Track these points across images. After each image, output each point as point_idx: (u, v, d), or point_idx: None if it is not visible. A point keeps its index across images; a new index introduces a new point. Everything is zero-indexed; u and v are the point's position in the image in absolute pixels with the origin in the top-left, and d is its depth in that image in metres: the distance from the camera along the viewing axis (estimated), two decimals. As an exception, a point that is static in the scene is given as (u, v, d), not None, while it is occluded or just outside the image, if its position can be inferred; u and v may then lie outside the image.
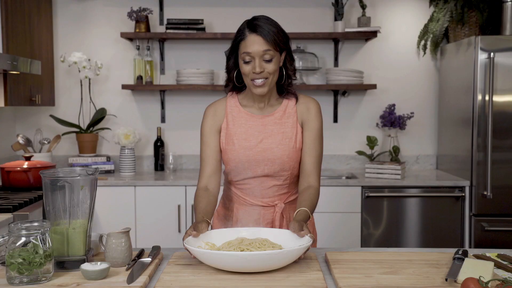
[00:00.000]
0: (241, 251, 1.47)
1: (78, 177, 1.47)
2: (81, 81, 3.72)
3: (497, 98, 3.18)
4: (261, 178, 1.86)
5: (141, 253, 1.59)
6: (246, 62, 1.76)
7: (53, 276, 1.40)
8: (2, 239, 1.38)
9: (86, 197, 1.48)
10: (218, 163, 1.87)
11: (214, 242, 1.58)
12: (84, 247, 1.49)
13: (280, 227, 1.88)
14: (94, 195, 1.52)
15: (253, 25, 1.75)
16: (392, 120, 3.71)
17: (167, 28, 3.64)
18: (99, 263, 1.41)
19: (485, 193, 3.19)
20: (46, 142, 3.55)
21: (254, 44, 1.73)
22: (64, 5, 3.78)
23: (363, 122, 3.89)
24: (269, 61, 1.75)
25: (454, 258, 1.51)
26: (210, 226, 1.69)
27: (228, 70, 1.86)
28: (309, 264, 1.51)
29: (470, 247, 3.27)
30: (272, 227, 1.87)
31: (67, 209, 1.46)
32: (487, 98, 3.17)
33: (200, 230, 1.58)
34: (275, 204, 1.88)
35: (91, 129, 3.73)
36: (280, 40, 1.76)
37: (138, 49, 3.73)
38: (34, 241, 1.35)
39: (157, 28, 3.80)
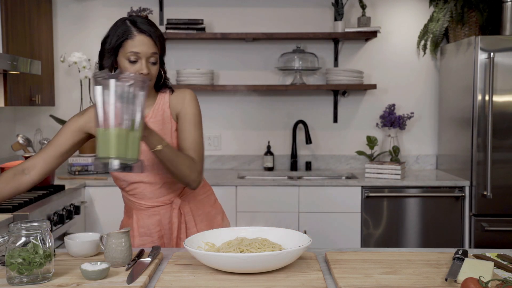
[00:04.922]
0: (241, 251, 1.47)
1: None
2: (81, 81, 3.72)
3: (497, 98, 3.18)
4: (147, 179, 1.81)
5: (141, 253, 1.59)
6: (132, 62, 1.72)
7: (53, 276, 1.40)
8: (2, 239, 1.38)
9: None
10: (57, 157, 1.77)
11: (214, 242, 1.58)
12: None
13: (179, 224, 1.86)
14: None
15: (138, 25, 1.72)
16: (392, 120, 3.71)
17: (167, 28, 3.64)
18: (99, 263, 1.41)
19: (485, 193, 3.19)
20: (46, 142, 3.55)
21: (143, 45, 1.72)
22: (64, 5, 3.78)
23: (363, 122, 3.89)
24: (154, 63, 1.77)
25: (454, 258, 1.51)
26: None
27: (102, 66, 1.76)
28: (309, 264, 1.51)
29: (470, 247, 3.27)
30: (171, 224, 1.86)
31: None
32: (487, 98, 3.17)
33: None
34: (172, 201, 1.86)
35: (91, 129, 3.73)
36: (163, 44, 1.80)
37: (138, 49, 3.72)
38: (34, 241, 1.35)
39: (157, 28, 3.80)
